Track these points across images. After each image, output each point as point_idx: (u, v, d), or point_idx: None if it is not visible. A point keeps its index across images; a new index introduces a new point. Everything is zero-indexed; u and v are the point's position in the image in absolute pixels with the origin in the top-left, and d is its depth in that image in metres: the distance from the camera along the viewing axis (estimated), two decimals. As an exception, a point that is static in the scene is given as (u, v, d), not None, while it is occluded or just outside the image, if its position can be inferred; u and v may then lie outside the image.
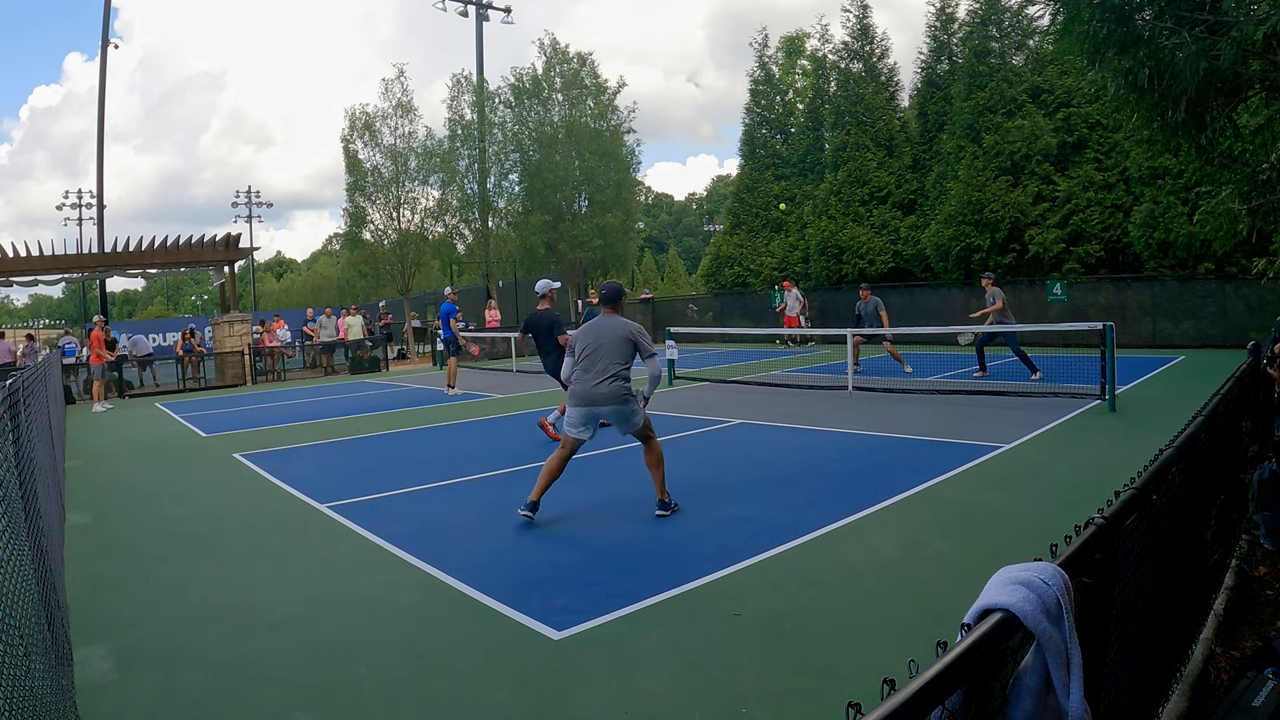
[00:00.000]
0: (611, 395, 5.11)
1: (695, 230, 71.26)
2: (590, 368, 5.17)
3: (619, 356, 5.18)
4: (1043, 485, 5.65)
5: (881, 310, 13.05)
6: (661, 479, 5.20)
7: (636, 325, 5.34)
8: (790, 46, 30.49)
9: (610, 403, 5.11)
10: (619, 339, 5.20)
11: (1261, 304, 14.78)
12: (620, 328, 5.26)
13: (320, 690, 3.09)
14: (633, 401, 5.17)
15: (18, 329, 42.28)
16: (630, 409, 5.16)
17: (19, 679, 1.84)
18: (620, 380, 5.15)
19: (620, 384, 5.14)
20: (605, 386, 5.10)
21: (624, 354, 5.20)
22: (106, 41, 23.97)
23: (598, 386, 5.10)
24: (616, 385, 5.12)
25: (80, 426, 12.19)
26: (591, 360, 5.18)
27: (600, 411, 5.16)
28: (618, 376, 5.14)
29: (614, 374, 5.13)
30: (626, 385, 5.17)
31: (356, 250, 26.60)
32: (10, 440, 2.83)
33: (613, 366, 5.14)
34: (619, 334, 5.22)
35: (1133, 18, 4.90)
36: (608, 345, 5.18)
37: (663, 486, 5.20)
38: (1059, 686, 1.19)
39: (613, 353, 5.17)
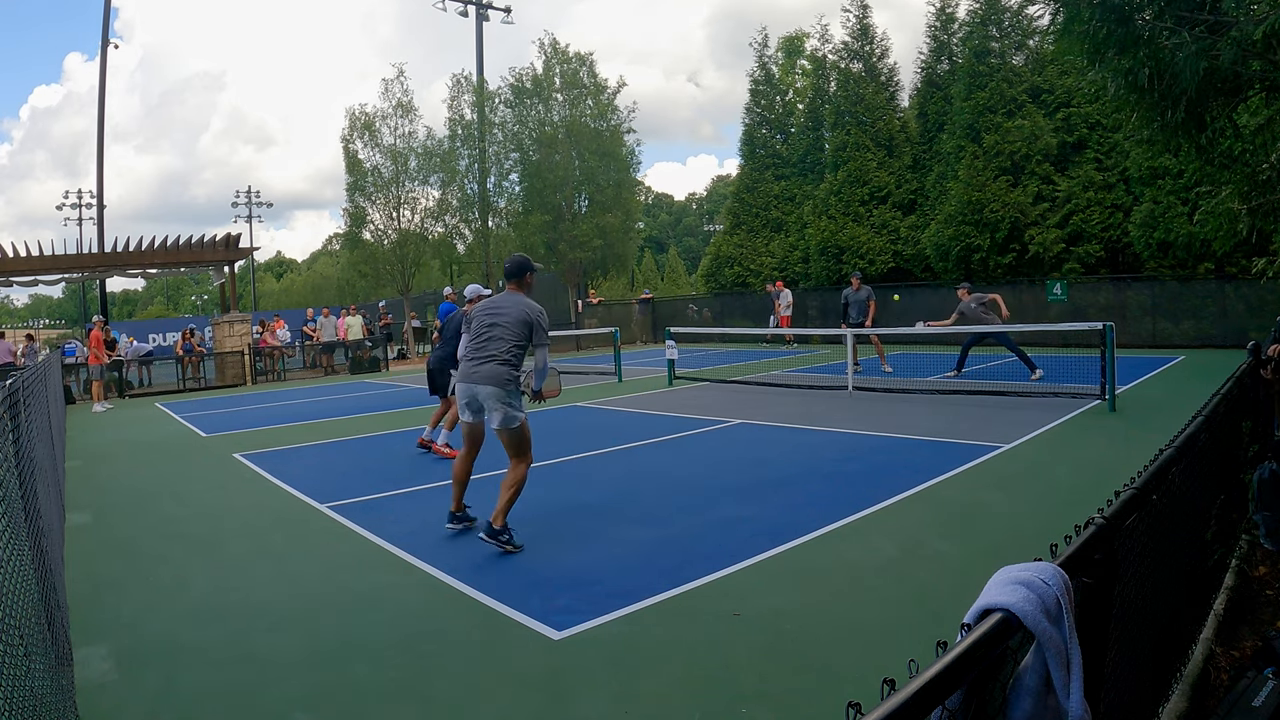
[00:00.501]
0: (491, 377, 4.60)
1: (695, 230, 71.25)
2: (481, 348, 4.69)
3: (512, 339, 4.68)
4: (1043, 485, 5.65)
5: (871, 300, 12.90)
6: (508, 504, 4.58)
7: (538, 308, 4.81)
8: (790, 46, 30.49)
9: (488, 384, 4.59)
10: (516, 320, 4.70)
11: (1261, 304, 14.78)
12: (520, 308, 4.74)
13: (320, 690, 3.09)
14: (515, 396, 4.65)
15: (18, 329, 42.30)
16: (509, 402, 4.62)
17: (19, 679, 1.84)
18: (507, 365, 4.64)
19: (505, 369, 4.63)
20: (488, 367, 4.62)
21: (518, 337, 4.69)
22: (106, 41, 23.98)
23: (480, 365, 4.64)
24: (501, 369, 4.61)
25: (80, 426, 12.20)
26: (484, 339, 4.71)
27: (478, 393, 4.65)
28: (505, 361, 4.64)
29: (501, 357, 4.64)
30: (513, 373, 4.66)
31: (356, 250, 26.62)
32: (10, 440, 2.83)
33: (502, 349, 4.65)
34: (517, 315, 4.71)
35: (1133, 18, 4.90)
36: (502, 325, 4.70)
37: (504, 512, 4.54)
38: (1059, 686, 1.19)
39: (506, 334, 4.68)
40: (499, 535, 4.51)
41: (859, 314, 12.88)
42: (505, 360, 4.62)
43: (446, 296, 14.07)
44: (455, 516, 4.96)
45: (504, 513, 4.53)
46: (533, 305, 4.77)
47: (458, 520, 4.95)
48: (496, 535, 4.51)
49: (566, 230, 26.41)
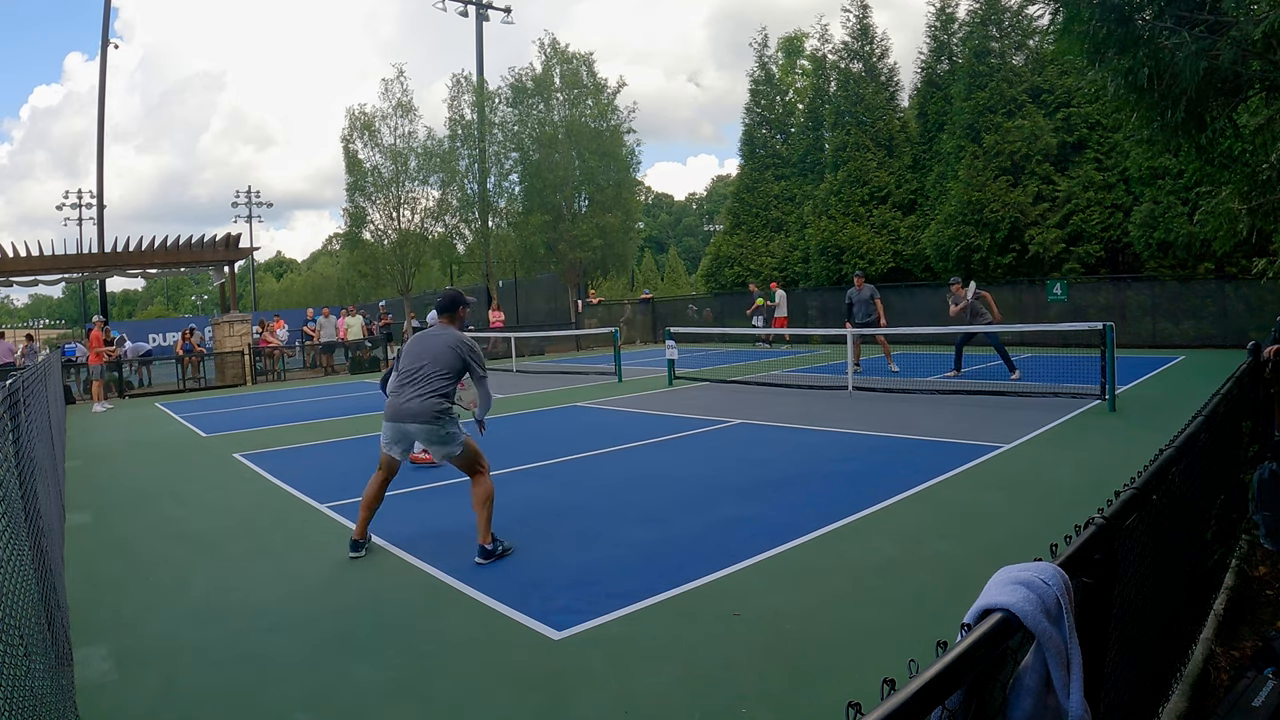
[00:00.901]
0: (420, 413, 4.50)
1: (695, 230, 71.25)
2: (410, 384, 4.60)
3: (440, 371, 4.59)
4: (1043, 485, 5.65)
5: (877, 298, 12.78)
6: (486, 521, 4.51)
7: (469, 341, 4.74)
8: (790, 46, 30.50)
9: (418, 421, 4.51)
10: (444, 352, 4.62)
11: (1261, 304, 14.78)
12: (449, 340, 4.67)
13: (320, 690, 3.09)
14: (449, 425, 4.57)
15: (18, 329, 42.30)
16: (445, 432, 4.55)
17: (19, 679, 1.84)
18: (435, 397, 4.54)
19: (434, 401, 4.53)
20: (416, 403, 4.53)
21: (447, 369, 4.61)
22: (106, 41, 23.98)
23: (408, 402, 4.54)
24: (430, 402, 4.52)
25: (80, 426, 12.19)
26: (413, 374, 4.62)
27: (408, 430, 4.58)
28: (434, 393, 4.54)
29: (430, 390, 4.55)
30: (442, 404, 4.56)
31: (356, 250, 26.62)
32: (10, 440, 2.83)
33: (430, 382, 4.56)
34: (444, 347, 4.64)
35: (1133, 18, 4.90)
36: (430, 359, 4.61)
37: (486, 529, 4.49)
38: (1059, 686, 1.19)
39: (434, 367, 4.60)
40: (493, 553, 4.48)
41: (863, 314, 12.77)
42: (436, 393, 4.56)
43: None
44: (358, 545, 4.70)
45: (487, 529, 4.49)
46: (463, 339, 4.72)
47: (360, 548, 4.71)
48: (491, 554, 4.47)
49: (566, 230, 26.40)
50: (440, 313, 4.86)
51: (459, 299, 4.88)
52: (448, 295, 4.89)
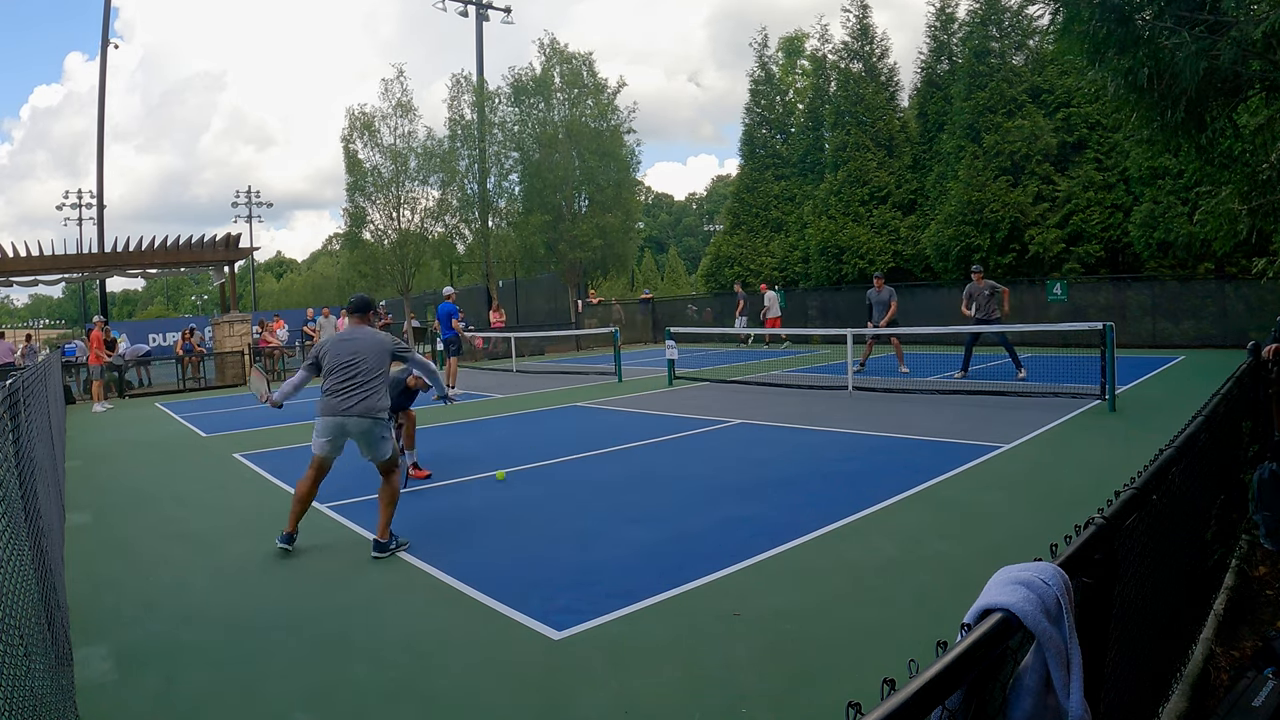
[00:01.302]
0: (364, 410, 4.70)
1: (695, 230, 71.25)
2: (348, 381, 4.73)
3: (379, 371, 4.81)
4: (1043, 485, 5.65)
5: (894, 300, 12.80)
6: (388, 519, 4.73)
7: (390, 335, 5.05)
8: (790, 46, 30.49)
9: (362, 417, 4.70)
10: (375, 351, 4.82)
11: (1261, 304, 14.78)
12: (379, 340, 4.90)
13: (320, 690, 3.09)
14: (386, 429, 4.82)
15: (18, 329, 42.31)
16: (381, 434, 4.77)
17: (19, 679, 1.84)
18: (375, 397, 4.75)
19: (374, 401, 4.74)
20: (359, 400, 4.70)
21: (381, 365, 4.83)
22: (106, 41, 23.97)
23: (349, 399, 4.70)
24: (373, 401, 4.73)
25: (80, 426, 12.19)
26: (346, 374, 4.75)
27: (348, 427, 4.72)
28: (374, 393, 4.76)
29: (372, 391, 4.75)
30: (382, 404, 4.79)
31: (356, 250, 26.61)
32: (10, 440, 2.83)
33: (371, 383, 4.76)
34: (374, 346, 4.84)
35: (1133, 18, 4.90)
36: (362, 356, 4.78)
37: (386, 527, 4.71)
38: (1059, 686, 1.19)
39: (369, 365, 4.78)
40: (388, 547, 4.67)
41: (882, 315, 12.78)
42: (375, 392, 4.76)
43: (446, 296, 14.06)
44: (289, 537, 4.86)
45: (387, 526, 4.70)
46: (387, 335, 5.02)
47: (290, 540, 4.86)
48: (386, 548, 4.65)
49: (566, 230, 26.39)
50: (352, 313, 5.04)
51: (369, 302, 5.15)
52: (360, 298, 5.12)
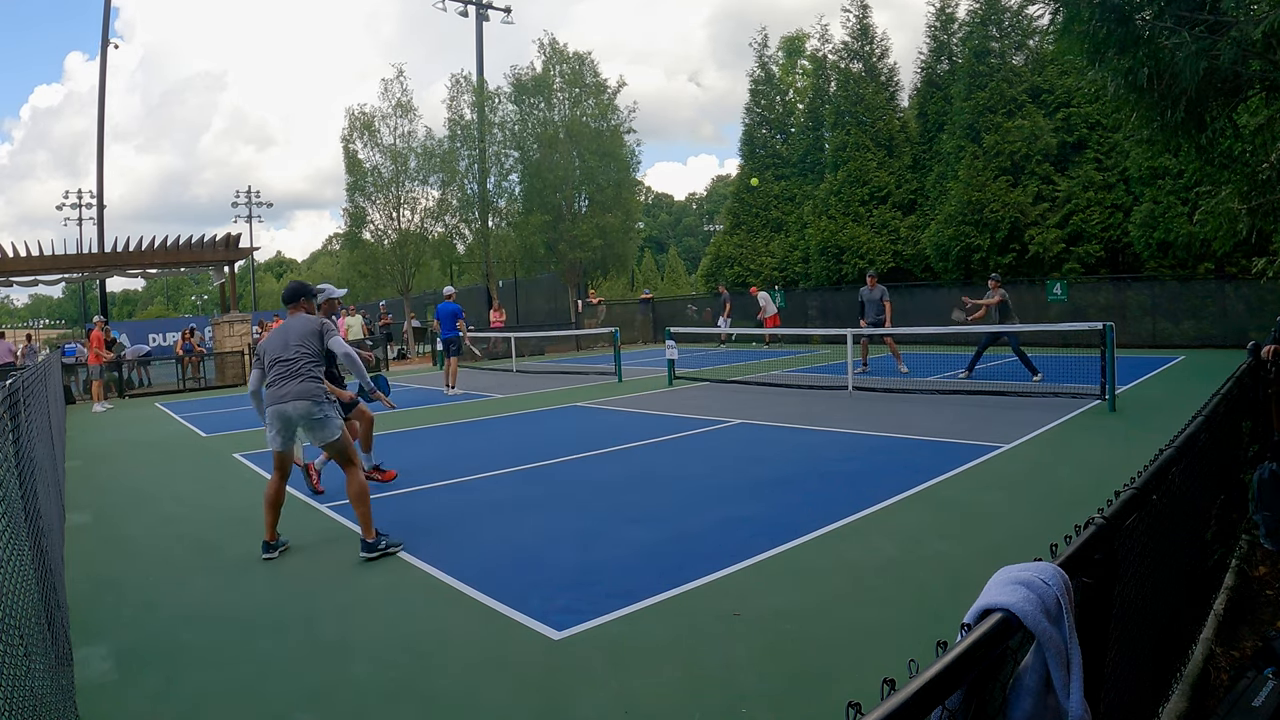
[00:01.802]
0: (300, 393, 4.65)
1: (695, 230, 71.25)
2: (282, 371, 4.73)
3: (308, 353, 4.75)
4: (1043, 485, 5.65)
5: (887, 300, 12.74)
6: (365, 515, 4.61)
7: (321, 319, 4.98)
8: (790, 46, 30.49)
9: (299, 400, 4.65)
10: (303, 335, 4.79)
11: (1261, 304, 14.78)
12: (307, 325, 4.85)
13: (320, 690, 3.09)
14: (327, 408, 4.72)
15: (18, 329, 42.29)
16: (323, 414, 4.69)
17: (19, 679, 1.84)
18: (311, 380, 4.70)
19: (310, 384, 4.69)
20: (295, 385, 4.68)
21: (312, 350, 4.77)
22: (106, 41, 23.98)
23: (285, 385, 4.68)
24: (308, 384, 4.68)
25: (80, 426, 12.19)
26: (281, 365, 4.74)
27: (289, 413, 4.66)
28: (309, 376, 4.70)
29: (305, 374, 4.70)
30: (318, 386, 4.73)
31: (356, 250, 26.61)
32: (10, 440, 2.83)
33: (304, 366, 4.72)
34: (301, 330, 4.81)
35: (1132, 18, 4.90)
36: (293, 344, 4.76)
37: (368, 524, 4.60)
38: (1059, 686, 1.19)
39: (299, 350, 4.74)
40: (377, 546, 4.59)
41: (874, 313, 12.73)
42: (309, 375, 4.70)
43: (447, 296, 14.00)
44: (270, 546, 4.80)
45: (369, 524, 4.60)
46: (318, 319, 4.93)
47: (274, 549, 4.80)
48: (375, 548, 4.58)
49: (566, 230, 26.39)
50: (287, 304, 5.05)
51: (302, 289, 5.12)
52: (291, 286, 5.12)
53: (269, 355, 4.79)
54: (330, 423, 4.71)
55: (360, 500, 4.65)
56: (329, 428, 4.70)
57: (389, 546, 4.66)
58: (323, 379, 4.80)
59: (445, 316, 13.40)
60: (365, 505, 4.64)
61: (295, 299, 5.03)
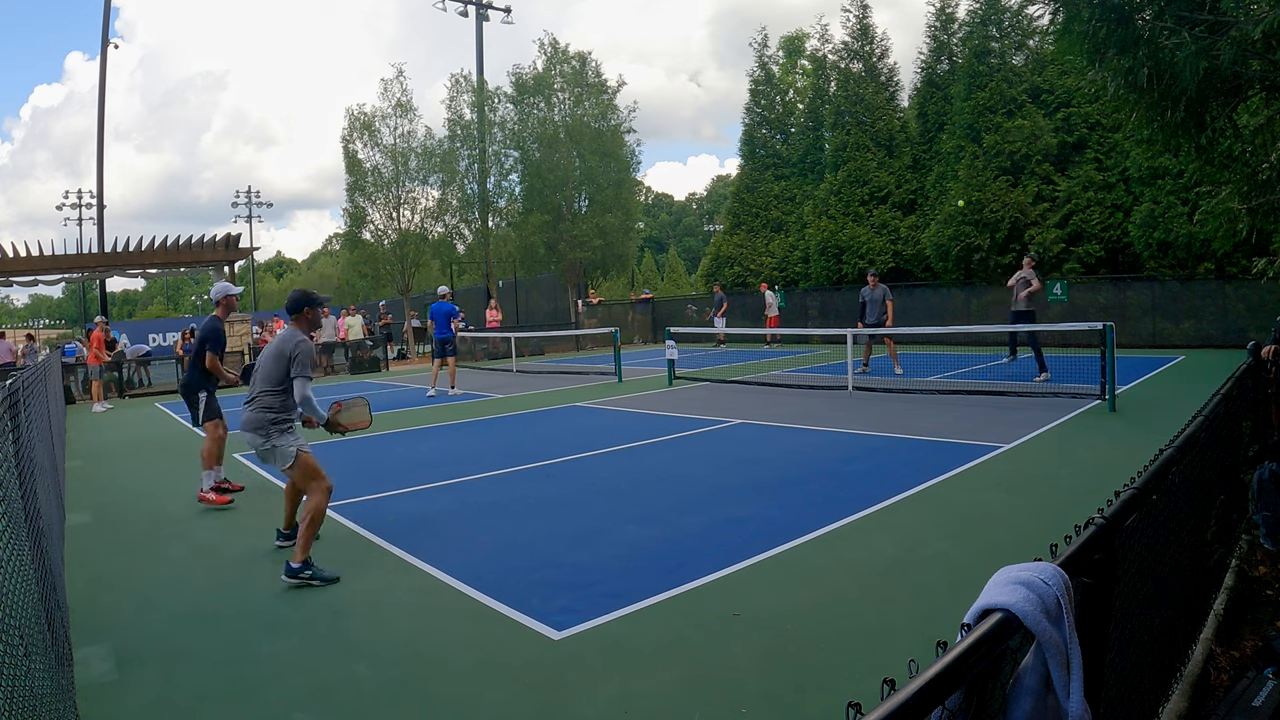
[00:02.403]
0: (248, 423, 4.48)
1: (695, 230, 71.26)
2: (249, 391, 4.56)
3: (268, 377, 4.49)
4: (1043, 485, 5.65)
5: (889, 299, 12.68)
6: (306, 539, 4.30)
7: (297, 338, 4.53)
8: (790, 46, 30.49)
9: (247, 429, 4.48)
10: (270, 357, 4.50)
11: (1261, 304, 14.79)
12: (279, 343, 4.54)
13: (320, 690, 3.09)
14: (276, 437, 4.45)
15: (18, 329, 42.28)
16: (270, 445, 4.45)
17: (19, 679, 1.84)
18: (263, 410, 4.46)
19: (261, 413, 4.46)
20: (246, 412, 4.51)
21: (273, 375, 4.49)
22: (106, 41, 23.99)
23: (244, 414, 4.51)
24: (256, 414, 4.47)
25: (80, 426, 12.20)
26: (252, 381, 4.55)
27: (246, 439, 4.53)
28: (260, 407, 4.47)
29: (257, 404, 4.48)
30: (270, 415, 4.47)
31: (356, 250, 26.61)
32: (10, 440, 2.83)
33: (259, 391, 4.50)
34: (272, 351, 4.52)
35: (1132, 18, 4.90)
36: (261, 365, 4.53)
37: (304, 547, 4.28)
38: (1059, 686, 1.19)
39: (264, 372, 4.50)
40: (300, 572, 4.26)
41: (875, 314, 12.68)
42: (261, 406, 4.48)
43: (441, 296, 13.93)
44: (283, 535, 4.95)
45: (304, 548, 4.28)
46: (291, 336, 4.53)
47: (286, 539, 4.92)
48: (298, 573, 4.25)
49: (566, 230, 26.39)
50: (288, 313, 4.70)
51: (303, 299, 4.66)
52: (292, 297, 4.70)
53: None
54: (280, 452, 4.46)
55: (309, 522, 4.35)
56: (280, 456, 4.47)
57: (315, 578, 4.26)
58: (273, 409, 4.48)
59: (439, 316, 13.30)
60: (311, 529, 4.33)
61: (298, 309, 4.66)
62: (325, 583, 4.25)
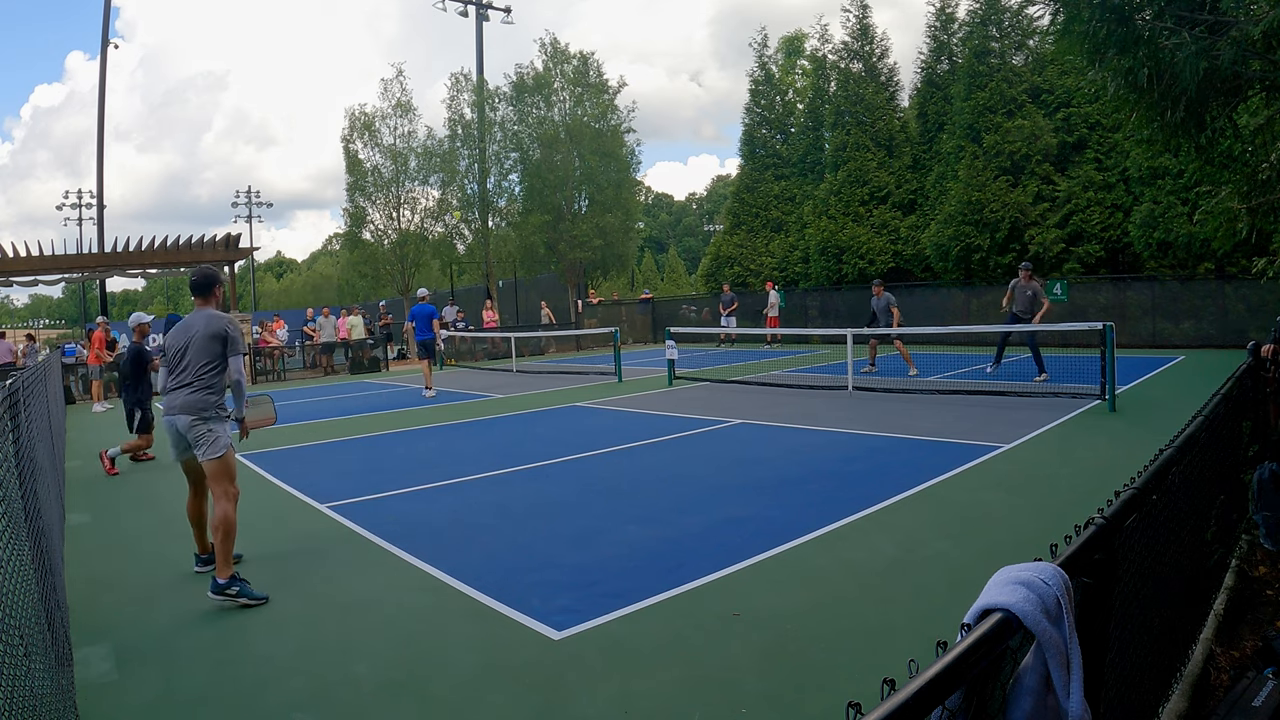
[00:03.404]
0: (187, 406, 4.16)
1: (695, 230, 71.26)
2: (178, 377, 4.24)
3: (206, 358, 4.22)
4: (1043, 485, 5.65)
5: (894, 306, 12.82)
6: (224, 550, 4.02)
7: (227, 317, 4.35)
8: (790, 46, 30.48)
9: (185, 413, 4.16)
10: (205, 336, 4.23)
11: (1261, 304, 14.79)
12: (209, 322, 4.27)
13: (320, 690, 3.09)
14: (214, 423, 4.19)
15: (18, 329, 42.29)
16: (207, 428, 4.16)
17: (19, 679, 1.84)
18: (203, 391, 4.19)
19: (202, 395, 4.18)
20: (183, 395, 4.18)
21: (210, 355, 4.22)
22: (106, 41, 23.97)
23: (176, 394, 4.21)
24: (196, 396, 4.16)
25: (80, 426, 12.20)
26: (179, 367, 4.25)
27: (178, 426, 4.21)
28: (201, 387, 4.19)
29: (198, 384, 4.19)
30: (214, 397, 4.22)
31: (356, 250, 26.62)
32: (10, 440, 2.83)
33: (196, 372, 4.21)
34: (207, 330, 4.24)
35: (1133, 18, 4.89)
36: (194, 345, 4.23)
37: (226, 561, 4.00)
38: (1059, 686, 1.19)
39: (199, 354, 4.22)
40: (227, 589, 3.95)
41: (884, 321, 12.86)
42: (201, 386, 4.19)
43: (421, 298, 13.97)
44: (201, 559, 4.61)
45: (226, 562, 4.00)
46: (221, 315, 4.35)
47: (205, 563, 4.57)
48: (224, 590, 3.95)
49: (566, 230, 26.39)
50: (195, 293, 4.42)
51: (212, 277, 4.46)
52: (202, 273, 4.45)
53: (168, 354, 4.33)
54: (214, 440, 4.17)
55: (222, 531, 4.07)
56: (212, 445, 4.16)
57: (242, 595, 3.97)
58: (218, 389, 4.25)
59: (420, 318, 13.47)
60: (227, 541, 4.07)
61: (207, 289, 4.39)
62: (254, 601, 3.96)
